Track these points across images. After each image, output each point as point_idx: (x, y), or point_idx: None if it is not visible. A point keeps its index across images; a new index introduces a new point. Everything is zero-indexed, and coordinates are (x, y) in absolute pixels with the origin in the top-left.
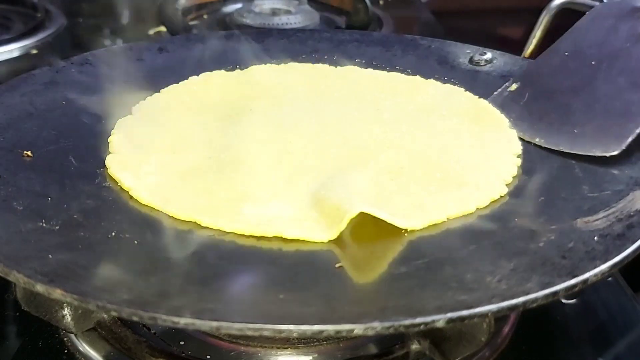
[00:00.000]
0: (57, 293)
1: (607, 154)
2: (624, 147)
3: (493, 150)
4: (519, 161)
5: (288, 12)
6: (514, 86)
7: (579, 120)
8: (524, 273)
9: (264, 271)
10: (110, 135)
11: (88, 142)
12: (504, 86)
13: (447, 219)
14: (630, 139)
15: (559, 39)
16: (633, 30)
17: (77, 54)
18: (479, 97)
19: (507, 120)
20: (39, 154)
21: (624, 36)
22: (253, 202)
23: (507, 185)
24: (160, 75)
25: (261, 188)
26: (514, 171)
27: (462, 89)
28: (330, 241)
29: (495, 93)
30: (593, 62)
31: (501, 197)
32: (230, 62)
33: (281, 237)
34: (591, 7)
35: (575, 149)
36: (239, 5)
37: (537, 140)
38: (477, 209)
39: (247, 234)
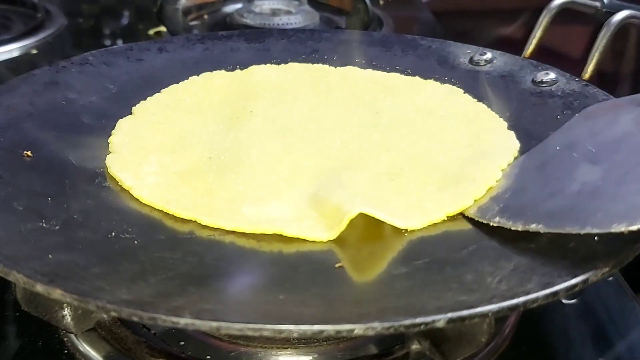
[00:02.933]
0: (57, 293)
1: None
2: None
3: (491, 149)
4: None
5: (288, 12)
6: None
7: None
8: (524, 273)
9: (264, 271)
10: (110, 135)
11: (88, 142)
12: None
13: (447, 217)
14: None
15: (548, 138)
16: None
17: (77, 54)
18: (479, 98)
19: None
20: (39, 154)
21: (629, 124)
22: (253, 202)
23: (502, 170)
24: (160, 75)
25: (261, 188)
26: (511, 159)
27: (461, 90)
28: (330, 241)
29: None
30: (592, 149)
31: (497, 181)
32: (230, 62)
33: (281, 238)
34: (591, 7)
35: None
36: (239, 5)
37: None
38: (475, 200)
39: (247, 231)
